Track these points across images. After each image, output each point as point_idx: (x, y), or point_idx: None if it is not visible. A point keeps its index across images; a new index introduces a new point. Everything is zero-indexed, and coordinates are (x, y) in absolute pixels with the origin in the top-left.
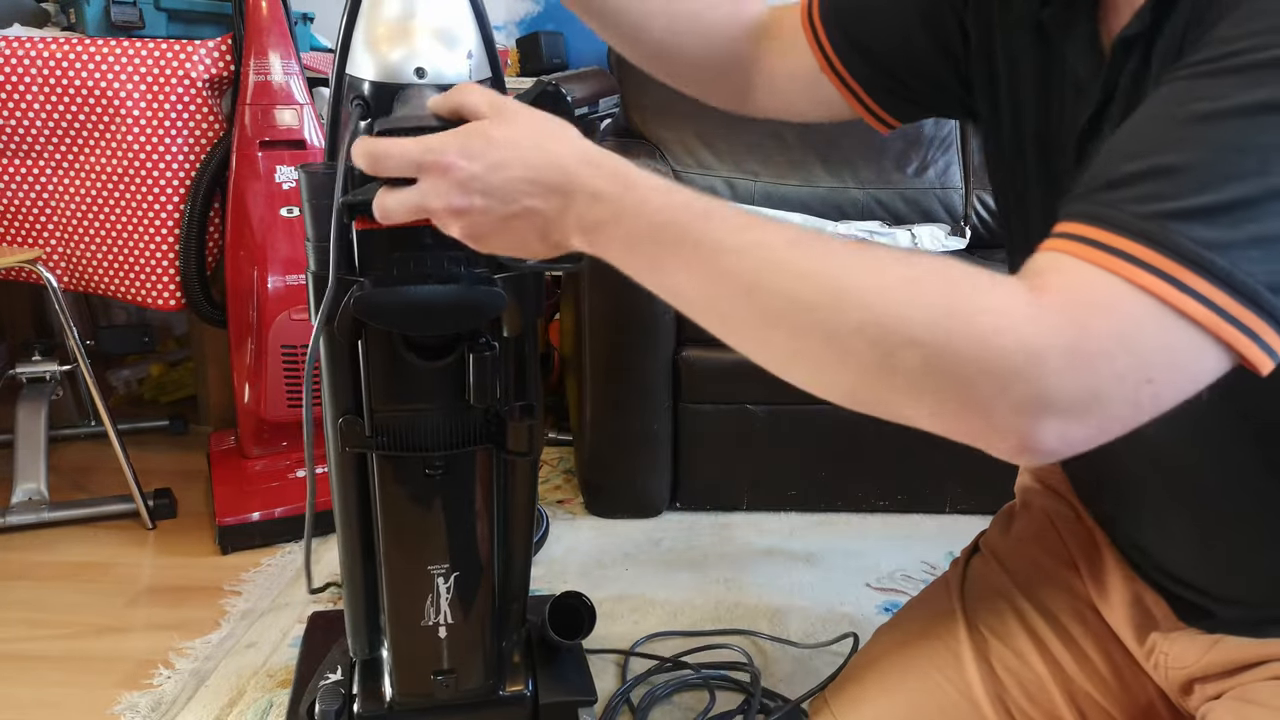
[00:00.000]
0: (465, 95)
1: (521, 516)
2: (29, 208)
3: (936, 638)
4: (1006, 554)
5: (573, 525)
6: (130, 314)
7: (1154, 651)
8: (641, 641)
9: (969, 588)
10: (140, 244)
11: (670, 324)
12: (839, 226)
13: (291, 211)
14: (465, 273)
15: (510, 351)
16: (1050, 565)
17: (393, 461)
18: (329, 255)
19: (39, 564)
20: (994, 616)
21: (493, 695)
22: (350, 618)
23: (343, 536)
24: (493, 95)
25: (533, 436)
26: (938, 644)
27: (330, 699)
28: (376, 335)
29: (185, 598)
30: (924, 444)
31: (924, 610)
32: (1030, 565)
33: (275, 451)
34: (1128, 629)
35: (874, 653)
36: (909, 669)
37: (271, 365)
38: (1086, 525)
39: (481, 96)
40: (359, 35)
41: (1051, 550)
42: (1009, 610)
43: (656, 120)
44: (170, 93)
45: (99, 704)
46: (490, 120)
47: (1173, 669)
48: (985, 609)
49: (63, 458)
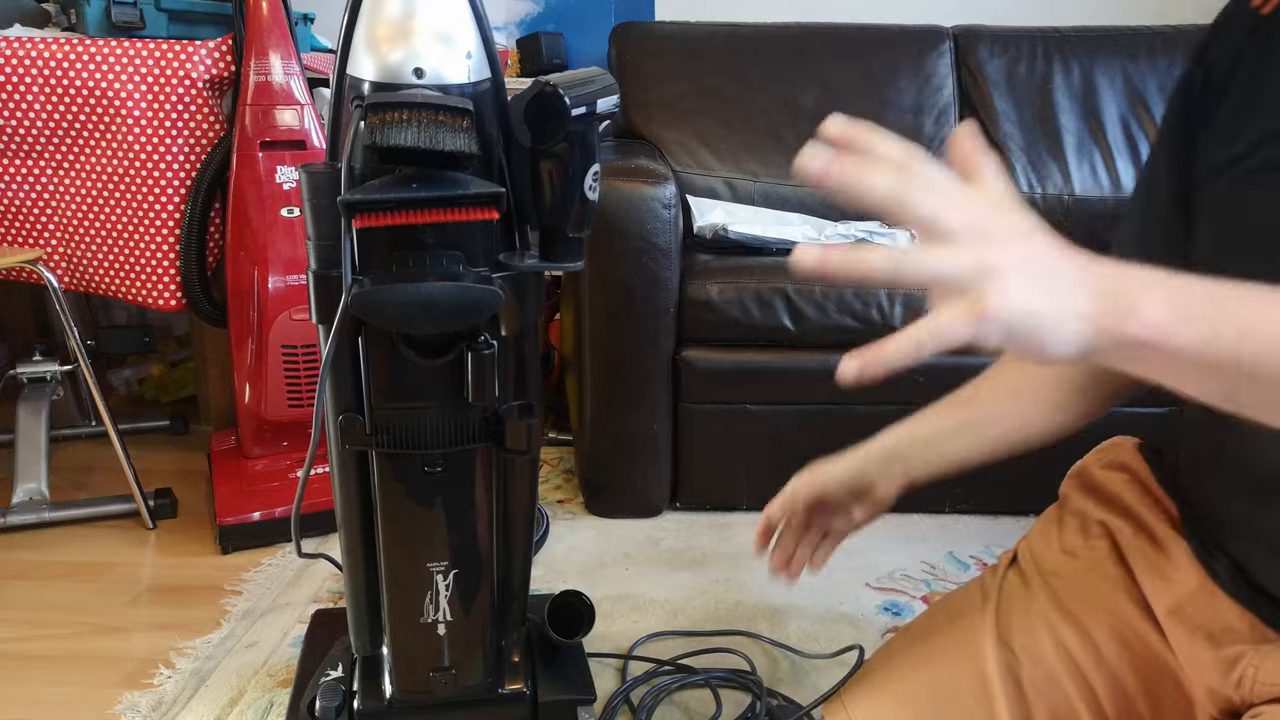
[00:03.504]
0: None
1: (521, 515)
2: (30, 208)
3: (962, 649)
4: (1050, 570)
5: (573, 525)
6: (131, 314)
7: (1239, 663)
8: (641, 642)
9: (1003, 603)
10: (141, 244)
11: (670, 324)
12: (839, 227)
13: (292, 212)
14: (464, 271)
15: (510, 351)
16: (1096, 586)
17: (393, 459)
18: (330, 254)
19: (39, 564)
20: (1028, 636)
21: (492, 693)
22: (351, 614)
23: (344, 533)
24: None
25: (531, 435)
26: (964, 656)
27: (331, 695)
28: (376, 333)
29: (186, 597)
30: None
31: (953, 618)
32: (1073, 584)
33: (276, 451)
34: (1203, 641)
35: (896, 659)
36: (931, 679)
37: (272, 365)
38: (1154, 535)
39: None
40: (359, 36)
41: (1099, 568)
42: (1043, 630)
43: (656, 120)
44: (171, 93)
45: (99, 704)
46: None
47: (1262, 683)
48: (1020, 627)
49: (63, 458)
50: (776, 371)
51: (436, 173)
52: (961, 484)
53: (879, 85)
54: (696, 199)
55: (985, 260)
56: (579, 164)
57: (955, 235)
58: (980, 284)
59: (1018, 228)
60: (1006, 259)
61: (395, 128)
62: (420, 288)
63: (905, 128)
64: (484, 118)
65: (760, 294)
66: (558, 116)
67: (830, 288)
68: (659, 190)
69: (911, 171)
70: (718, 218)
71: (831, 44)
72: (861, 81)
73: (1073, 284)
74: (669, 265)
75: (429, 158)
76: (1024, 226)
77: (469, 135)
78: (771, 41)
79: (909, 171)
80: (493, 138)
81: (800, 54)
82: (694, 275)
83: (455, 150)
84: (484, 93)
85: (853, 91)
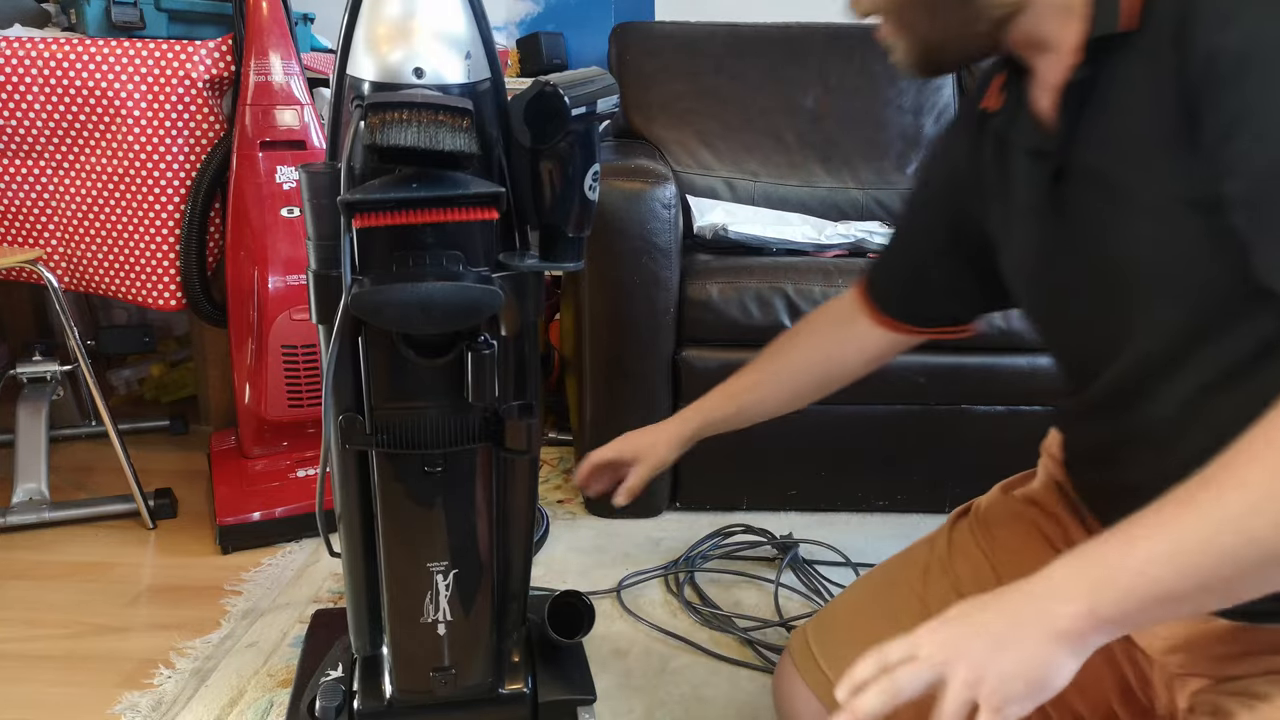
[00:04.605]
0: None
1: (521, 515)
2: (30, 208)
3: (908, 584)
4: (995, 522)
5: (573, 525)
6: (131, 314)
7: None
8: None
9: (952, 551)
10: (141, 244)
11: (670, 324)
12: (838, 227)
13: (292, 212)
14: (464, 271)
15: (510, 351)
16: (1033, 543)
17: (393, 459)
18: (330, 254)
19: (39, 564)
20: (972, 583)
21: (492, 693)
22: (352, 614)
23: (345, 533)
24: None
25: (531, 435)
26: (908, 591)
27: (331, 695)
28: (376, 333)
29: (186, 597)
30: (923, 444)
31: (903, 562)
32: (1011, 539)
33: (276, 451)
34: None
35: (849, 597)
36: (876, 612)
37: (272, 365)
38: (1068, 497)
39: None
40: (359, 36)
41: (1038, 526)
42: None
43: (656, 120)
44: (171, 93)
45: (99, 704)
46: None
47: (1158, 637)
48: (965, 573)
49: (63, 458)
50: None
51: (436, 173)
52: (960, 484)
53: (879, 85)
54: (696, 199)
55: (945, 667)
56: (579, 164)
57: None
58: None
59: (953, 629)
60: (965, 657)
61: (395, 127)
62: (420, 288)
63: (905, 127)
64: (484, 118)
65: (760, 294)
66: (558, 116)
67: (831, 287)
68: (659, 190)
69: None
70: (718, 218)
71: (831, 44)
72: (861, 81)
73: (1034, 625)
74: (669, 265)
75: (429, 158)
76: (958, 623)
77: (469, 135)
78: (771, 41)
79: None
80: (493, 138)
81: (800, 54)
82: (694, 275)
83: (455, 150)
84: (484, 93)
85: (853, 91)
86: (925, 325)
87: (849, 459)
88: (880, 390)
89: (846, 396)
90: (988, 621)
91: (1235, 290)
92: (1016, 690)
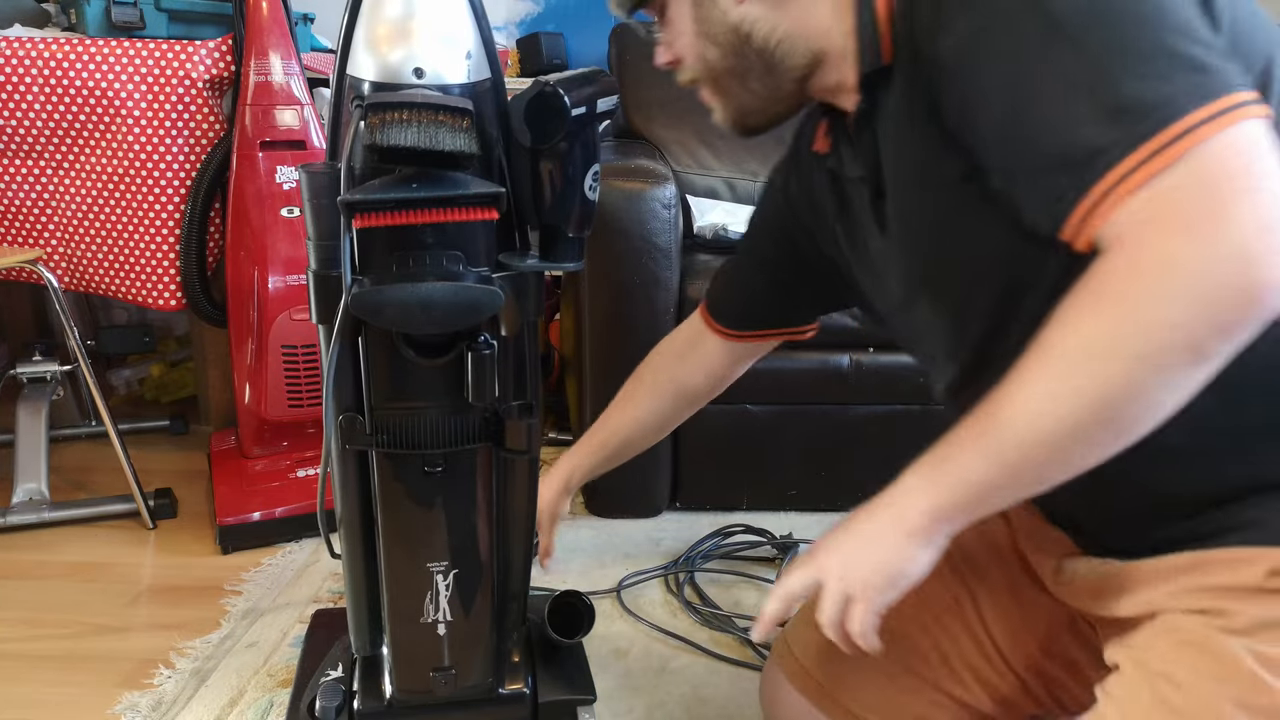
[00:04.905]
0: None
1: (521, 515)
2: (30, 208)
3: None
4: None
5: (573, 525)
6: (131, 314)
7: (1060, 572)
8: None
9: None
10: (141, 244)
11: (670, 324)
12: None
13: (292, 212)
14: (464, 271)
15: (510, 351)
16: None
17: (393, 459)
18: (330, 254)
19: (39, 564)
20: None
21: (492, 693)
22: (352, 614)
23: (345, 533)
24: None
25: (531, 435)
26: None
27: (331, 695)
28: (376, 333)
29: (186, 597)
30: (923, 443)
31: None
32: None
33: (276, 451)
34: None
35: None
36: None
37: (272, 365)
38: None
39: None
40: (359, 35)
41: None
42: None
43: (656, 120)
44: (171, 93)
45: (99, 704)
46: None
47: (1079, 579)
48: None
49: (63, 458)
50: (776, 371)
51: (436, 173)
52: None
53: None
54: (696, 199)
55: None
56: (579, 164)
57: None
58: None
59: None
60: (829, 560)
61: (395, 127)
62: (420, 288)
63: None
64: (484, 118)
65: None
66: (558, 116)
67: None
68: (659, 190)
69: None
70: (718, 218)
71: None
72: None
73: (887, 531)
74: (669, 265)
75: (429, 158)
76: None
77: (469, 135)
78: None
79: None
80: (493, 138)
81: None
82: (694, 275)
83: (455, 150)
84: (484, 93)
85: None
86: (766, 329)
87: (849, 459)
88: (881, 390)
89: (847, 396)
90: (856, 527)
91: (1025, 247)
92: (878, 582)
